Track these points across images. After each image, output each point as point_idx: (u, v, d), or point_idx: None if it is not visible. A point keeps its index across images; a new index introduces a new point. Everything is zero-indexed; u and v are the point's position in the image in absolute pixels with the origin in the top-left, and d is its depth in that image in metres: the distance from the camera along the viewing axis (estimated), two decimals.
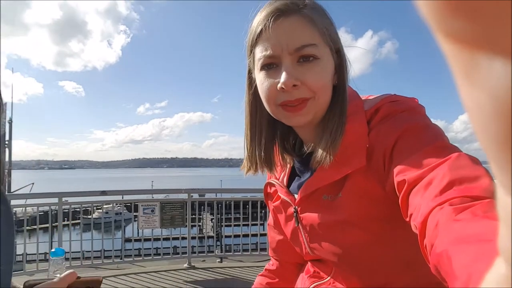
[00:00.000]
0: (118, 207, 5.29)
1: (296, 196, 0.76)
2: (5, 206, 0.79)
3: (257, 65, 0.67)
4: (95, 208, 5.26)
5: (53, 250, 0.91)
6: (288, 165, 0.82)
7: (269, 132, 0.76)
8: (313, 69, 0.64)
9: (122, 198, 4.75)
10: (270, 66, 0.66)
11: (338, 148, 0.65)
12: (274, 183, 0.83)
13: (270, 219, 0.91)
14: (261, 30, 0.64)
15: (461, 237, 0.36)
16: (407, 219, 0.52)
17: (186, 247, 4.52)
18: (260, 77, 0.68)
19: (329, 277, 0.76)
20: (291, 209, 0.77)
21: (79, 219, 4.63)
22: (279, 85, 0.63)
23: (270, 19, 0.63)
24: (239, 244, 5.17)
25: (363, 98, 0.72)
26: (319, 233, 0.71)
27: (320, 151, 0.66)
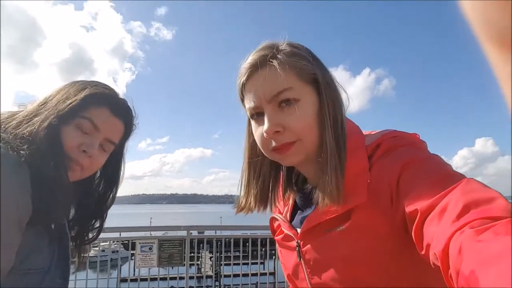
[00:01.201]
0: (115, 245, 5.17)
1: (298, 230, 0.75)
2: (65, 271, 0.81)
3: (248, 115, 0.74)
4: (91, 246, 5.13)
5: None
6: (291, 200, 0.83)
7: (271, 172, 0.80)
8: (294, 113, 0.66)
9: (120, 235, 4.64)
10: (258, 115, 0.70)
11: (339, 191, 0.64)
12: (277, 217, 0.83)
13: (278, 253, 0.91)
14: (243, 85, 0.71)
15: (486, 256, 0.35)
16: (422, 252, 0.51)
17: (183, 287, 4.36)
18: (253, 126, 0.73)
19: None
20: (293, 243, 0.76)
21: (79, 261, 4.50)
22: (263, 133, 0.68)
23: (247, 75, 0.69)
24: (239, 284, 4.99)
25: (365, 134, 0.73)
26: (321, 268, 0.69)
27: (321, 194, 0.66)
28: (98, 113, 0.81)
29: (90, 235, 0.93)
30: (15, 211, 0.62)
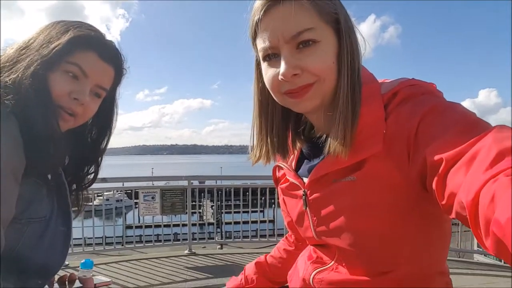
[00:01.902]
0: (119, 194, 5.31)
1: (305, 179, 0.75)
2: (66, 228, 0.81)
3: (260, 56, 0.68)
4: (95, 195, 5.28)
5: (82, 261, 0.93)
6: (297, 149, 0.82)
7: (283, 119, 0.77)
8: (313, 54, 0.62)
9: (123, 185, 4.75)
10: (272, 56, 0.65)
11: (352, 139, 0.62)
12: (282, 166, 0.83)
13: (280, 202, 0.91)
14: (257, 22, 0.64)
15: None
16: (443, 202, 0.49)
17: (186, 233, 4.55)
18: (263, 68, 0.68)
19: (332, 262, 0.75)
20: (299, 192, 0.76)
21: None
22: (279, 76, 0.63)
23: (263, 10, 0.63)
24: (239, 231, 5.23)
25: (380, 82, 0.70)
26: (329, 216, 0.70)
27: (333, 142, 0.64)
28: (85, 58, 0.76)
29: (87, 181, 0.93)
30: (9, 163, 0.61)
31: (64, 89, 0.74)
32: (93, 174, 0.92)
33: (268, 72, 0.66)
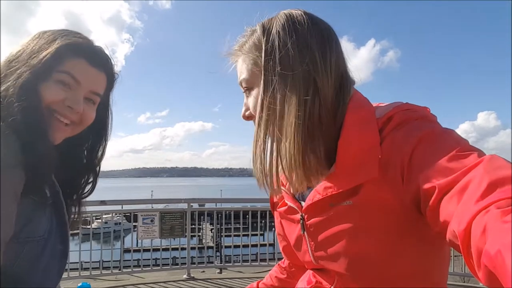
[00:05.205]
0: (118, 217, 5.26)
1: (302, 203, 0.75)
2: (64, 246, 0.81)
3: None
4: (94, 218, 5.23)
5: (79, 284, 0.92)
6: None
7: None
8: (249, 97, 0.74)
9: (122, 208, 4.72)
10: None
11: (310, 173, 0.66)
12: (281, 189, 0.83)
13: (277, 225, 0.91)
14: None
15: None
16: (436, 228, 0.50)
17: (185, 257, 4.48)
18: None
19: (331, 287, 0.74)
20: (297, 216, 0.76)
21: (78, 229, 4.59)
22: None
23: (231, 61, 0.78)
24: (239, 255, 5.14)
25: (374, 106, 0.71)
26: (326, 241, 0.70)
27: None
28: (76, 66, 0.76)
29: (86, 190, 0.92)
30: (10, 180, 0.62)
31: (58, 97, 0.74)
32: (91, 183, 0.92)
33: None
